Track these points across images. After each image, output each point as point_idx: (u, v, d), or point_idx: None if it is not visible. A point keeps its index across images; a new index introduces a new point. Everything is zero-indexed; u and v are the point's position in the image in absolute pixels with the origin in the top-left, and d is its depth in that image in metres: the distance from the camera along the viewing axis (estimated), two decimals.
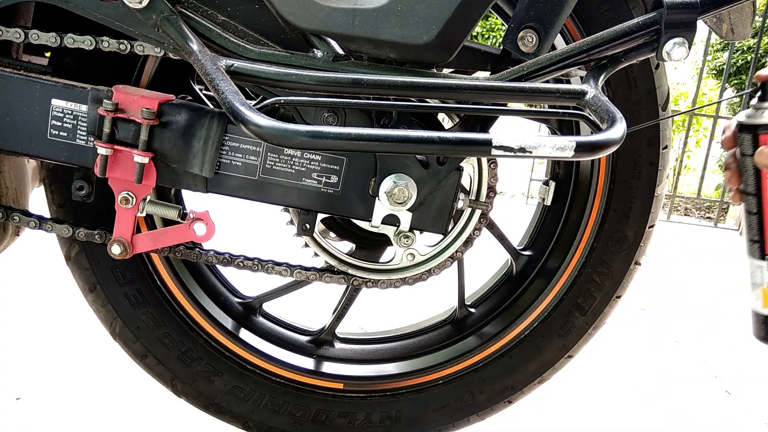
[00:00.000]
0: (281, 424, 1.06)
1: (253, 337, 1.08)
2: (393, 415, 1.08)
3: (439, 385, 1.08)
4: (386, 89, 0.72)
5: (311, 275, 0.97)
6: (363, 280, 0.99)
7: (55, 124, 0.80)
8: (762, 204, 0.75)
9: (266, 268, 0.96)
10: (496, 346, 1.08)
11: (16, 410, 1.25)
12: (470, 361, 1.08)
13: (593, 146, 0.61)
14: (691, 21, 0.72)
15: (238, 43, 0.77)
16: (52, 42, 0.80)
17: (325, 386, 1.07)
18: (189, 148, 0.81)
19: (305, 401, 1.06)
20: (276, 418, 1.06)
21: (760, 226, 0.76)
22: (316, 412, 1.06)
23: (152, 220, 0.97)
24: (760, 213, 0.76)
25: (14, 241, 0.96)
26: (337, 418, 1.07)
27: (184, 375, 1.03)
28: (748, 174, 0.76)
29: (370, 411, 1.07)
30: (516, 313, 1.08)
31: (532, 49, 0.78)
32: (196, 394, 1.04)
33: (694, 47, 3.20)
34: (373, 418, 1.07)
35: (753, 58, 4.05)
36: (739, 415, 1.53)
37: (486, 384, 1.08)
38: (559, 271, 1.05)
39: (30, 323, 1.64)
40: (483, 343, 1.08)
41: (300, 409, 1.06)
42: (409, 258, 0.97)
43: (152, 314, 0.99)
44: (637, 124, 0.95)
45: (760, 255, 0.77)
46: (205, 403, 1.05)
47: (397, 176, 0.83)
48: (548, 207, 1.11)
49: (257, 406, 1.05)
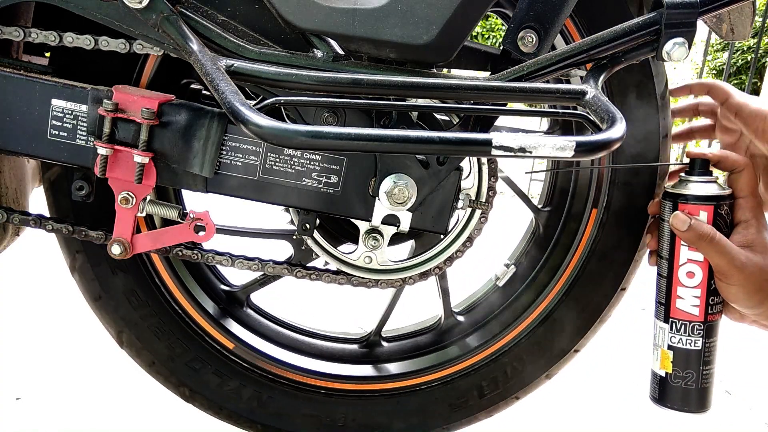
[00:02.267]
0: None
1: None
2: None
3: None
4: (386, 89, 0.72)
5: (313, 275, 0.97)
6: (363, 280, 0.98)
7: (55, 124, 0.80)
8: (672, 269, 0.80)
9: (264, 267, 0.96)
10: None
11: (16, 410, 1.25)
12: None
13: (593, 146, 0.61)
14: (691, 21, 0.72)
15: (238, 43, 0.77)
16: (51, 40, 0.80)
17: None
18: (189, 148, 0.81)
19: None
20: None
21: (668, 289, 0.81)
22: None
23: (152, 220, 0.98)
24: (669, 277, 0.80)
25: (14, 241, 0.96)
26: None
27: (192, 382, 1.03)
28: (664, 239, 0.81)
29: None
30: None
31: (532, 49, 0.78)
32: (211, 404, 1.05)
33: (694, 47, 3.20)
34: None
35: (753, 58, 4.04)
36: (739, 415, 1.53)
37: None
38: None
39: (30, 323, 1.64)
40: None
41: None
42: (366, 260, 0.95)
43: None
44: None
45: (663, 317, 0.81)
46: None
47: (397, 176, 0.83)
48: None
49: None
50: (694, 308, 0.79)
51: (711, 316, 0.79)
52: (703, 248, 0.77)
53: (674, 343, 0.80)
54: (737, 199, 0.79)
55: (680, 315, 0.79)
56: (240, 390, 1.04)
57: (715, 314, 0.79)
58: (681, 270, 0.79)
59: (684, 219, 0.77)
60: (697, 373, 0.79)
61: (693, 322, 0.79)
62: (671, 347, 0.80)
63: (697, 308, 0.78)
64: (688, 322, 0.79)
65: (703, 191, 0.78)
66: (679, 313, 0.79)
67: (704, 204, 0.77)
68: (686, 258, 0.79)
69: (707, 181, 0.79)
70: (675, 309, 0.79)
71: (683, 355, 0.79)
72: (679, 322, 0.79)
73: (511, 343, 1.06)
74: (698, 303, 0.78)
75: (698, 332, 0.79)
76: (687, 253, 0.78)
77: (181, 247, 0.92)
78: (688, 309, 0.79)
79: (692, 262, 0.78)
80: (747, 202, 0.79)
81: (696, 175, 0.79)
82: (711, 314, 0.79)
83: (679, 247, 0.79)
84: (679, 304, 0.79)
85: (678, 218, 0.77)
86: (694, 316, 0.78)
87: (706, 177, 0.79)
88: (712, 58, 7.38)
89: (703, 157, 0.80)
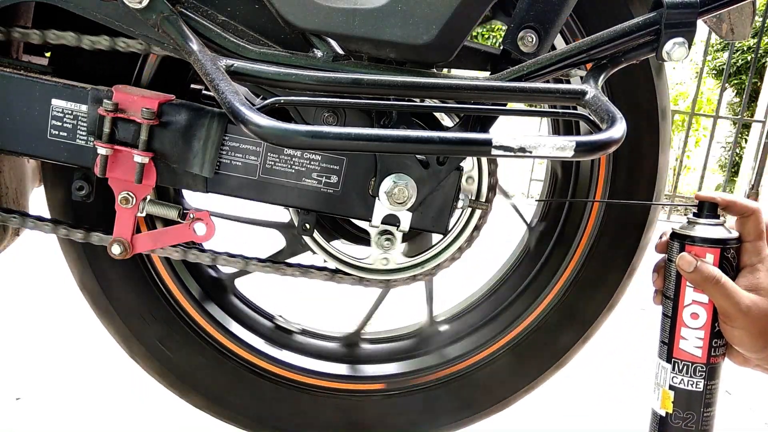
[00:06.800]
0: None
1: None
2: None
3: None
4: (386, 89, 0.72)
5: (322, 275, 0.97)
6: (380, 281, 0.98)
7: (55, 124, 0.80)
8: (677, 309, 0.80)
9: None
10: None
11: (16, 410, 1.25)
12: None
13: (593, 146, 0.61)
14: (691, 21, 0.72)
15: (238, 43, 0.77)
16: (51, 40, 0.80)
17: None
18: (189, 148, 0.81)
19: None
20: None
21: (672, 329, 0.81)
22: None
23: (152, 220, 0.98)
24: (674, 318, 0.80)
25: (14, 241, 0.96)
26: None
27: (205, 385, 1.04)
28: (670, 279, 0.81)
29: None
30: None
31: (532, 49, 0.78)
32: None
33: (694, 47, 3.21)
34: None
35: (753, 58, 4.05)
36: (739, 415, 1.53)
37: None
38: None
39: (30, 323, 1.64)
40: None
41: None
42: (383, 263, 0.96)
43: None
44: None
45: (666, 357, 0.81)
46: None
47: (397, 176, 0.83)
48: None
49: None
50: (697, 349, 0.79)
51: (714, 358, 0.79)
52: (709, 290, 0.77)
53: (676, 384, 0.80)
54: (744, 243, 0.79)
55: (683, 356, 0.79)
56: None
57: (717, 357, 0.79)
58: (685, 311, 0.79)
59: (690, 260, 0.77)
60: (698, 415, 0.79)
61: (695, 363, 0.79)
62: (672, 387, 0.80)
63: (700, 350, 0.79)
64: (690, 363, 0.79)
65: (711, 234, 0.78)
66: (681, 354, 0.80)
67: (711, 246, 0.77)
68: (691, 299, 0.79)
69: (715, 224, 0.79)
70: (678, 349, 0.80)
71: (684, 396, 0.79)
72: (681, 362, 0.80)
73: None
74: (701, 345, 0.79)
75: (700, 374, 0.79)
76: (692, 294, 0.79)
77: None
78: (691, 350, 0.79)
79: (697, 304, 0.78)
80: (754, 246, 0.79)
81: (704, 217, 0.80)
82: (714, 356, 0.79)
83: (684, 288, 0.79)
84: (682, 345, 0.80)
85: (684, 259, 0.78)
86: (697, 358, 0.79)
87: (713, 220, 0.79)
88: (712, 58, 7.38)
89: (711, 201, 0.80)
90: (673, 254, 0.80)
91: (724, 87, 4.03)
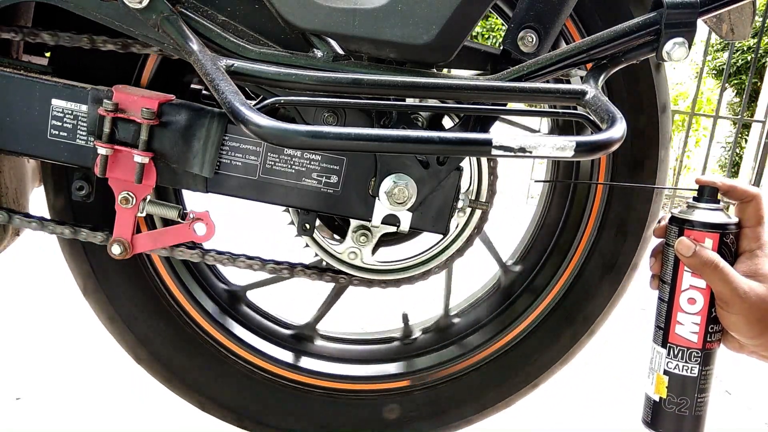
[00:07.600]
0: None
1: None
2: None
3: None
4: (386, 89, 0.72)
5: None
6: (341, 275, 0.98)
7: (55, 124, 0.80)
8: (674, 294, 0.80)
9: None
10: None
11: (16, 410, 1.25)
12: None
13: (593, 146, 0.61)
14: (691, 21, 0.72)
15: (238, 43, 0.77)
16: (50, 39, 0.80)
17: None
18: (189, 148, 0.81)
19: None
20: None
21: (668, 314, 0.80)
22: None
23: (152, 220, 0.98)
24: (670, 302, 0.80)
25: (14, 241, 0.96)
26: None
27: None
28: (668, 263, 0.81)
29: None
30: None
31: (532, 49, 0.78)
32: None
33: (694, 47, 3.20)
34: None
35: (753, 58, 4.05)
36: (739, 415, 1.53)
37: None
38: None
39: (30, 323, 1.64)
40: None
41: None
42: (351, 256, 0.95)
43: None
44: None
45: (661, 342, 0.81)
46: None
47: (397, 176, 0.83)
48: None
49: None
50: (693, 335, 0.79)
51: (709, 344, 0.79)
52: (707, 275, 0.77)
53: (670, 369, 0.80)
54: (743, 229, 0.79)
55: (678, 341, 0.79)
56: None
57: (713, 342, 0.79)
58: (682, 296, 0.79)
59: (689, 245, 0.77)
60: (691, 401, 0.79)
61: (691, 348, 0.79)
62: (667, 372, 0.80)
63: (696, 335, 0.78)
64: (685, 349, 0.79)
65: (710, 218, 0.78)
66: (677, 339, 0.79)
67: (710, 231, 0.77)
68: (688, 284, 0.78)
69: (714, 208, 0.79)
70: (674, 334, 0.80)
71: (679, 381, 0.79)
72: (676, 347, 0.79)
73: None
74: (697, 330, 0.78)
75: (695, 359, 0.79)
76: (690, 279, 0.78)
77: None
78: (687, 335, 0.79)
79: (694, 289, 0.78)
80: (753, 232, 0.79)
81: (704, 202, 0.79)
82: (709, 342, 0.79)
83: (682, 273, 0.79)
84: (678, 330, 0.79)
85: (683, 244, 0.78)
86: (693, 343, 0.79)
87: (713, 205, 0.79)
88: (712, 58, 7.38)
89: (712, 185, 0.80)
90: (671, 239, 0.80)
91: (724, 87, 4.03)
